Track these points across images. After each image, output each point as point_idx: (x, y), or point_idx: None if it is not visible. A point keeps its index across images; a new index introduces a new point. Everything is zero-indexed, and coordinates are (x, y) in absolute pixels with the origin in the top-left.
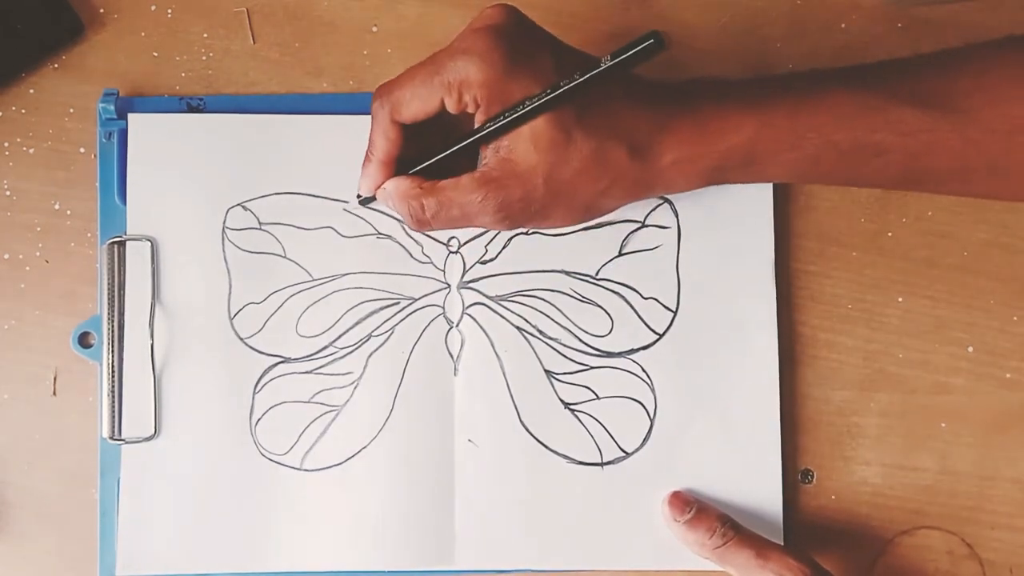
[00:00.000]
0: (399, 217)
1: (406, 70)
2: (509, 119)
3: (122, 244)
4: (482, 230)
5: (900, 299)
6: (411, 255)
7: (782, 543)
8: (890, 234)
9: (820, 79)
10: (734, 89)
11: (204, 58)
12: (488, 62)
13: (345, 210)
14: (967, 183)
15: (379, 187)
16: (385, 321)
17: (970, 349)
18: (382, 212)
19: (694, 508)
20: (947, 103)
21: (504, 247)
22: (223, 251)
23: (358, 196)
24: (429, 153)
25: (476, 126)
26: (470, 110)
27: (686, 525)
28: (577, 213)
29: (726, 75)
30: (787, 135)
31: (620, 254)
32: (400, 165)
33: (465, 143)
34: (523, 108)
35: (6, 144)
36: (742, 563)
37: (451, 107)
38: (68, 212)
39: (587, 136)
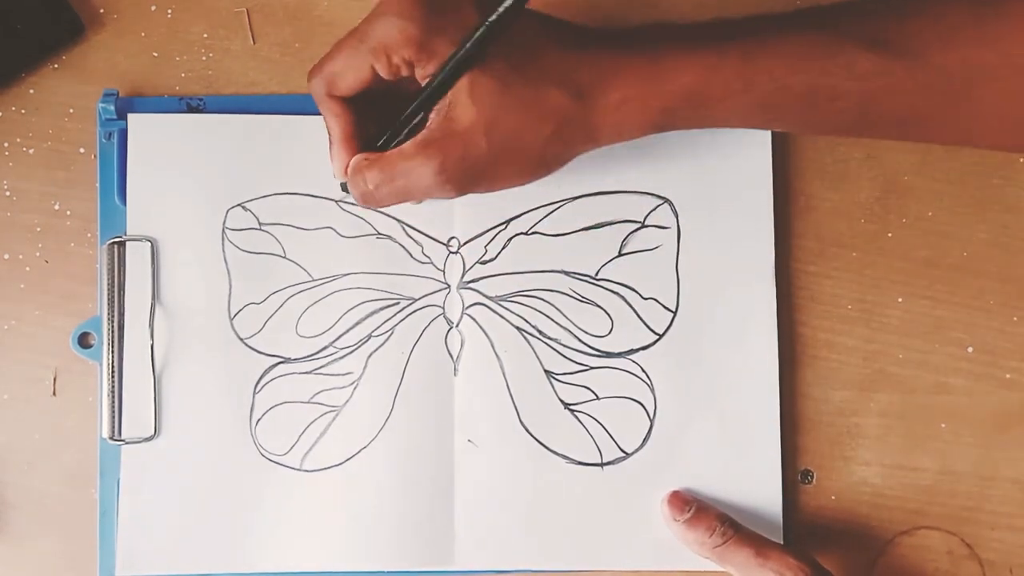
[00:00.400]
0: (399, 216)
1: (334, 45)
2: (439, 77)
3: (122, 244)
4: (482, 228)
5: (900, 299)
6: (411, 255)
7: (782, 543)
8: (890, 234)
9: (773, 21)
10: (685, 31)
11: (204, 58)
12: (407, 18)
13: (338, 204)
14: (922, 128)
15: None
16: (385, 321)
17: (970, 349)
18: (381, 211)
19: (693, 507)
20: (902, 46)
21: (504, 247)
22: (223, 251)
23: (341, 185)
24: (386, 129)
25: (421, 83)
26: (404, 73)
27: (685, 524)
28: (527, 168)
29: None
30: (738, 77)
31: (620, 254)
32: (367, 145)
33: (409, 111)
34: (449, 63)
35: (6, 144)
36: (742, 562)
37: (384, 72)
38: (68, 212)
39: (525, 83)
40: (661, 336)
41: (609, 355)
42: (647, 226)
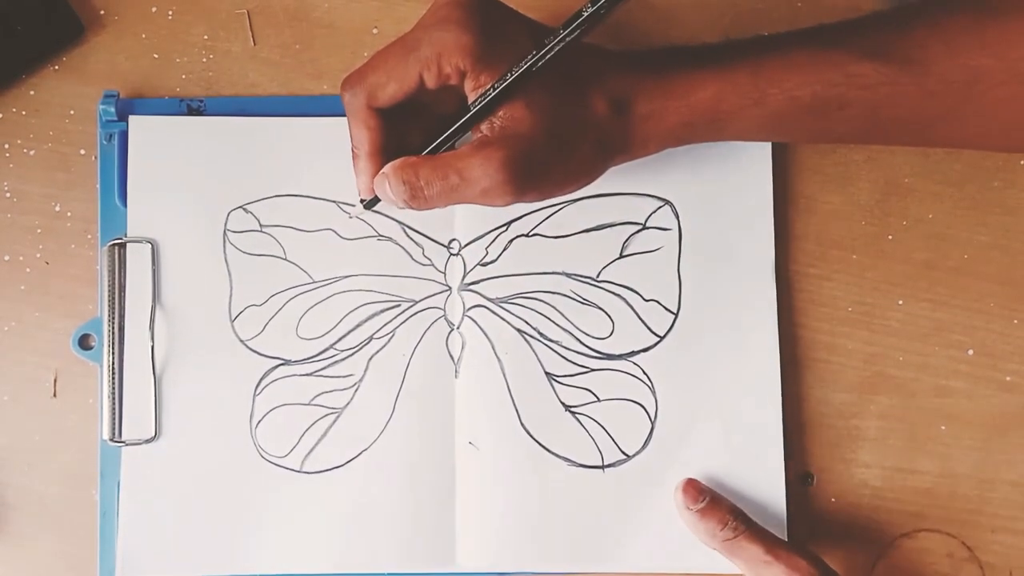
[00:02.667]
0: (399, 218)
1: (374, 55)
2: (504, 86)
3: (122, 246)
4: (483, 231)
5: (900, 302)
6: (412, 257)
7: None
8: (890, 237)
9: (781, 39)
10: (699, 52)
11: (204, 60)
12: (465, 28)
13: (339, 206)
14: (928, 133)
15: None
16: (386, 323)
17: (970, 352)
18: (383, 214)
19: (707, 498)
20: (905, 56)
21: (505, 249)
22: (224, 253)
23: (361, 201)
24: (426, 137)
25: (469, 94)
26: (453, 81)
27: (698, 514)
28: (577, 174)
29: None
30: (750, 92)
31: (621, 256)
32: (387, 158)
33: (462, 122)
34: (514, 73)
35: (6, 146)
36: (750, 557)
37: (431, 82)
38: (68, 214)
39: (573, 95)
40: (662, 338)
41: (610, 357)
42: (648, 228)
